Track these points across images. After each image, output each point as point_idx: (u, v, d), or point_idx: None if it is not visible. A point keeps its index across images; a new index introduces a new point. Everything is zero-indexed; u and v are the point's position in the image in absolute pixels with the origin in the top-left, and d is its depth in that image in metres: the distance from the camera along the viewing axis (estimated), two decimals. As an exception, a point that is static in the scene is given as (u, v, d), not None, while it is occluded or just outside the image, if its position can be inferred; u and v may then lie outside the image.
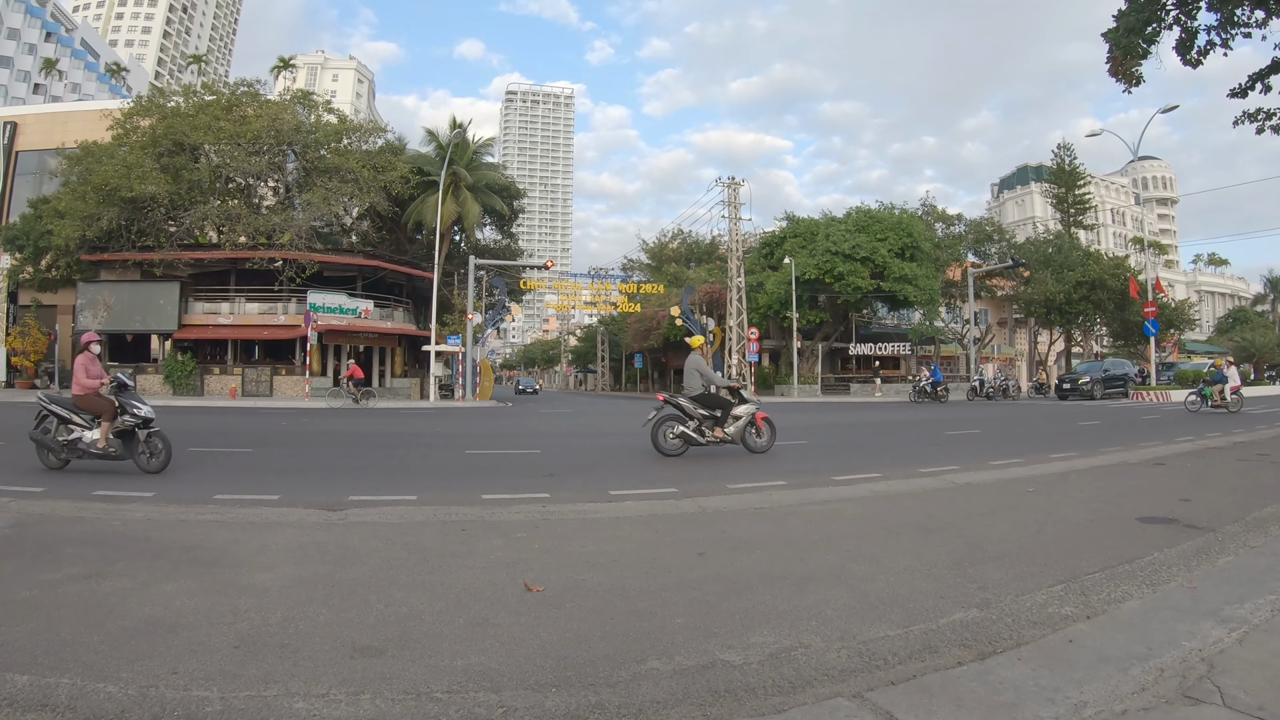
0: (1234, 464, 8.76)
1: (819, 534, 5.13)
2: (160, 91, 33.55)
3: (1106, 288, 38.33)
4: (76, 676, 2.61)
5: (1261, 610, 3.31)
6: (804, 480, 7.53)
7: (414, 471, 8.63)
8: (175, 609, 3.37)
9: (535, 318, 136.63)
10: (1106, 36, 13.59)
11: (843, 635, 3.11)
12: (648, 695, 2.55)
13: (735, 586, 3.82)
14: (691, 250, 53.55)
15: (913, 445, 11.50)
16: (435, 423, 16.80)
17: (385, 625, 3.19)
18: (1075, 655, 2.85)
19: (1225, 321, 71.41)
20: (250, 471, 8.46)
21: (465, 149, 35.42)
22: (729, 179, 35.47)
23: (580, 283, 37.99)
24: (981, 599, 3.59)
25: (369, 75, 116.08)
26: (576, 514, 5.80)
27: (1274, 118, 13.42)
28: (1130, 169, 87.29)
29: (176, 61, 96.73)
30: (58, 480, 7.17)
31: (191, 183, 27.99)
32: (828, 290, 35.23)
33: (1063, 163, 54.68)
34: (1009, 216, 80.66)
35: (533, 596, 3.63)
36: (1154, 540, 4.79)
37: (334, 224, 34.92)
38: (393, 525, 5.29)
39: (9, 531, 4.93)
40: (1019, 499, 6.49)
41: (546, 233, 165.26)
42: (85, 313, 28.50)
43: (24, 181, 35.22)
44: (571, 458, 10.02)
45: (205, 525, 5.21)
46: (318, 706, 2.42)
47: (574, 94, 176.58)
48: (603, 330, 58.90)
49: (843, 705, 2.45)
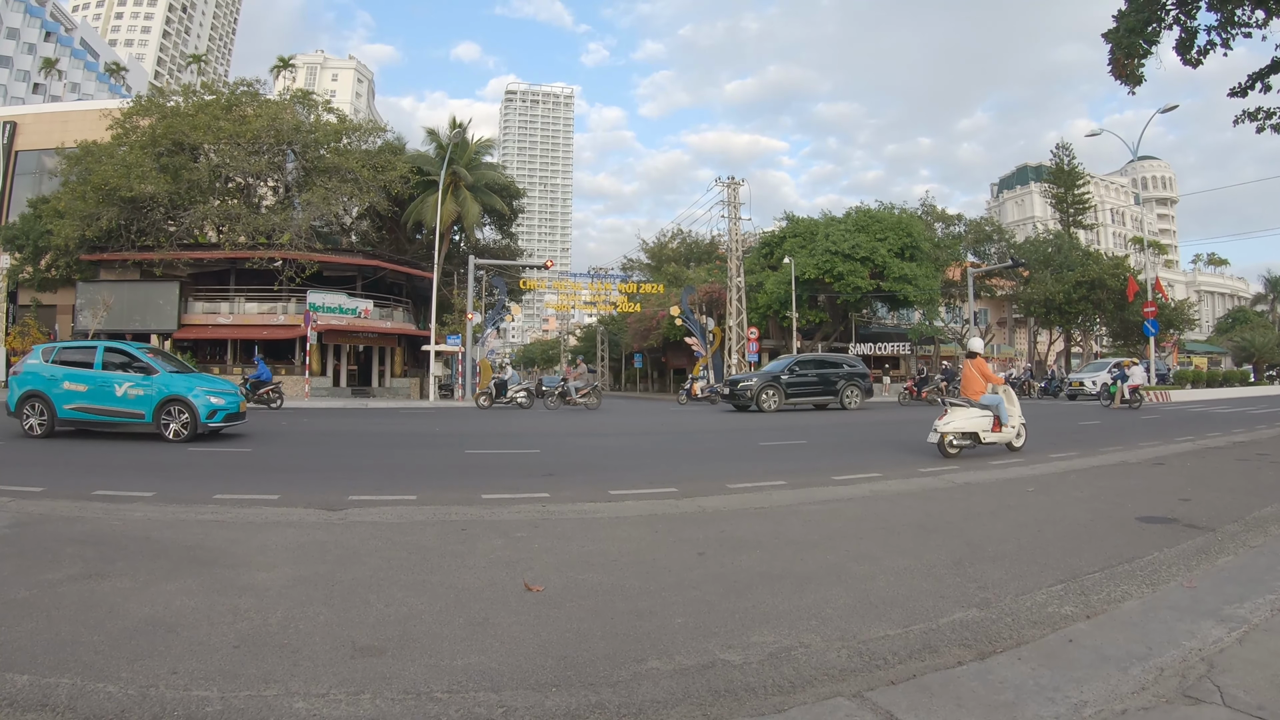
0: (1234, 464, 8.76)
1: (819, 533, 5.13)
2: (160, 91, 33.53)
3: (1106, 287, 38.33)
4: (76, 676, 2.61)
5: (1261, 610, 3.31)
6: (804, 480, 7.53)
7: (414, 471, 8.63)
8: (175, 609, 3.37)
9: (535, 317, 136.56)
10: (1107, 37, 13.59)
11: (843, 635, 3.12)
12: (648, 695, 2.55)
13: (735, 586, 3.82)
14: (691, 250, 53.53)
15: (913, 445, 11.49)
16: (435, 422, 16.80)
17: (385, 625, 3.19)
18: (1075, 655, 2.85)
19: (1225, 321, 71.41)
20: (250, 471, 8.45)
21: (465, 149, 35.42)
22: (729, 179, 35.45)
23: (580, 282, 37.96)
24: (981, 598, 3.59)
25: (368, 75, 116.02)
26: (576, 514, 5.81)
27: (1274, 117, 13.43)
28: (1130, 169, 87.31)
29: (176, 61, 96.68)
30: (58, 480, 7.17)
31: (191, 182, 27.97)
32: (827, 290, 35.22)
33: (1062, 163, 54.67)
34: (1008, 216, 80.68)
35: (533, 596, 3.63)
36: (1154, 540, 4.80)
37: (334, 224, 34.90)
38: (393, 525, 5.29)
39: (9, 531, 4.93)
40: (1019, 498, 6.49)
41: (546, 232, 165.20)
42: (85, 312, 28.48)
43: (23, 181, 35.18)
44: (571, 457, 10.02)
45: (205, 525, 5.21)
46: (318, 706, 2.42)
47: (573, 94, 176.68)
48: (602, 330, 58.87)
49: (843, 705, 2.45)
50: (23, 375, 11.06)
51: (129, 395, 10.73)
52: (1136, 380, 21.00)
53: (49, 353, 11.26)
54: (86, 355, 11.17)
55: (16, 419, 10.93)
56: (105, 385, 10.79)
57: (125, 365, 11.09)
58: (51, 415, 10.77)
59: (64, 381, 10.80)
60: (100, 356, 11.04)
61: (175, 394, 10.71)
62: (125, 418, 10.85)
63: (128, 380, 10.80)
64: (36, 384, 10.86)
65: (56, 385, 10.79)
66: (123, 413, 10.79)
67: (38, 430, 10.75)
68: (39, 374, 10.94)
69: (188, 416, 10.66)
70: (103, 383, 10.81)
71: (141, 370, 10.98)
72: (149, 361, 11.17)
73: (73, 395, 10.76)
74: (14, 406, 10.90)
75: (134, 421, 10.85)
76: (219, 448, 10.35)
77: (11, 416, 11.06)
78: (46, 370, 10.92)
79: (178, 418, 10.67)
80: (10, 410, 11.00)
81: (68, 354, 11.28)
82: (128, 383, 10.77)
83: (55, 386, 10.79)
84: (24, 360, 11.46)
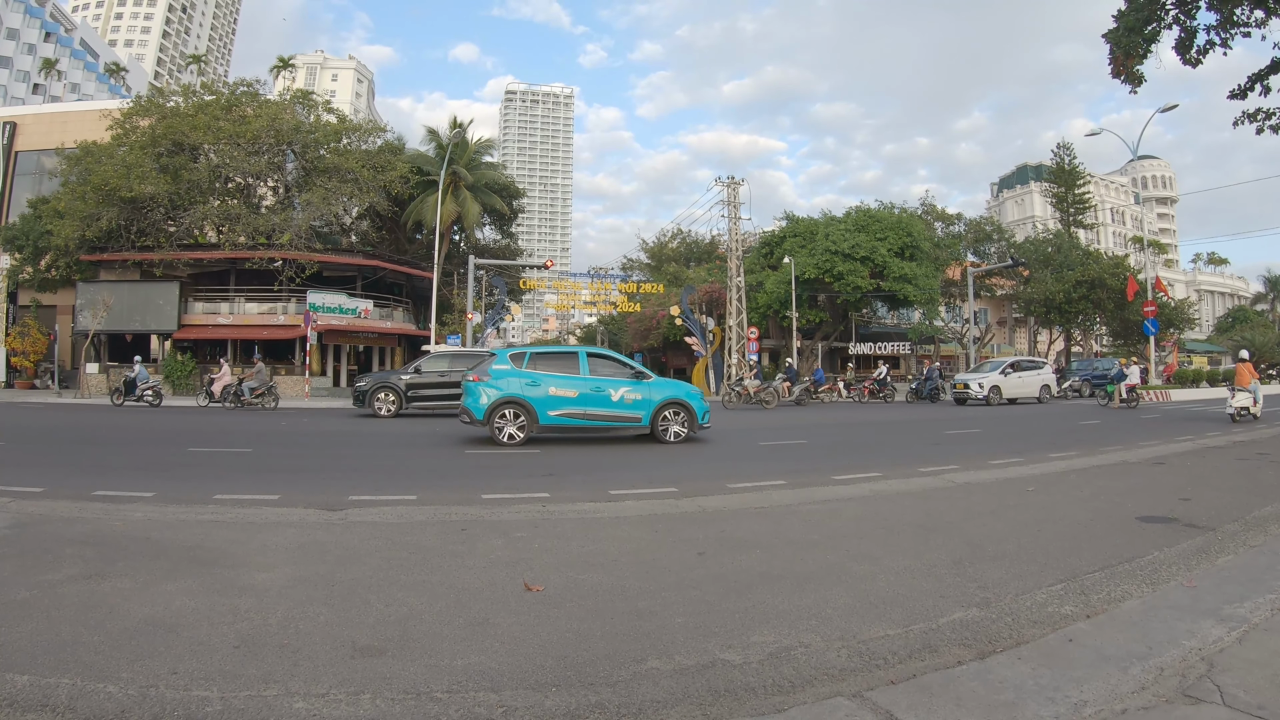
0: (1234, 463, 8.76)
1: (819, 533, 5.13)
2: (159, 91, 33.52)
3: (1106, 287, 38.33)
4: (76, 676, 2.61)
5: (1261, 609, 3.31)
6: (804, 479, 7.53)
7: (414, 471, 8.62)
8: (175, 609, 3.37)
9: (535, 317, 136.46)
10: (1107, 37, 13.60)
11: (842, 634, 3.12)
12: (648, 695, 2.55)
13: (735, 586, 3.82)
14: (691, 250, 53.54)
15: (913, 445, 11.49)
16: (434, 422, 16.80)
17: (385, 625, 3.19)
18: (1075, 654, 2.85)
19: (1225, 321, 71.30)
20: (250, 471, 8.45)
21: (465, 148, 35.41)
22: (729, 178, 35.38)
23: (580, 282, 37.92)
24: (981, 598, 3.59)
25: (368, 75, 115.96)
26: (576, 514, 5.81)
27: (1274, 117, 13.44)
28: (1130, 168, 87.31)
29: (176, 61, 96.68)
30: (58, 480, 7.16)
31: (191, 183, 27.95)
32: (827, 290, 35.22)
33: (1062, 162, 54.68)
34: (1008, 216, 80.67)
35: (533, 596, 3.63)
36: (1154, 539, 4.80)
37: (333, 224, 34.89)
38: (393, 525, 5.29)
39: (9, 531, 4.93)
40: (1019, 498, 6.49)
41: (546, 232, 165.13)
42: (85, 313, 28.47)
43: (23, 182, 35.17)
44: (571, 457, 10.01)
45: (205, 525, 5.21)
46: (318, 706, 2.43)
47: (573, 94, 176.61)
48: (602, 330, 58.87)
49: (842, 704, 2.45)
50: (491, 382, 10.67)
51: (625, 400, 10.84)
52: (1134, 380, 21.46)
53: (519, 359, 11.03)
54: (567, 362, 11.14)
55: (484, 426, 10.61)
56: (598, 392, 10.76)
57: (618, 371, 11.24)
58: (532, 421, 10.58)
59: (551, 387, 10.60)
60: (584, 363, 11.03)
61: (675, 398, 11.15)
62: (622, 422, 11.05)
63: (624, 386, 10.93)
64: (513, 391, 10.57)
65: (539, 392, 10.57)
66: (619, 416, 10.95)
67: (518, 438, 10.52)
68: (512, 380, 10.66)
69: (684, 417, 11.11)
70: (595, 389, 10.75)
71: (636, 375, 11.21)
72: (641, 367, 11.54)
73: (561, 401, 10.59)
74: (482, 415, 10.53)
75: (630, 425, 11.15)
76: (219, 448, 10.35)
77: (477, 424, 10.77)
78: (524, 377, 10.68)
79: (675, 420, 11.06)
80: (477, 418, 10.63)
81: (541, 361, 11.11)
82: (624, 388, 10.90)
83: (537, 393, 10.56)
84: (488, 366, 10.99)
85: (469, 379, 11.00)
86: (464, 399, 10.94)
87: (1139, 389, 21.84)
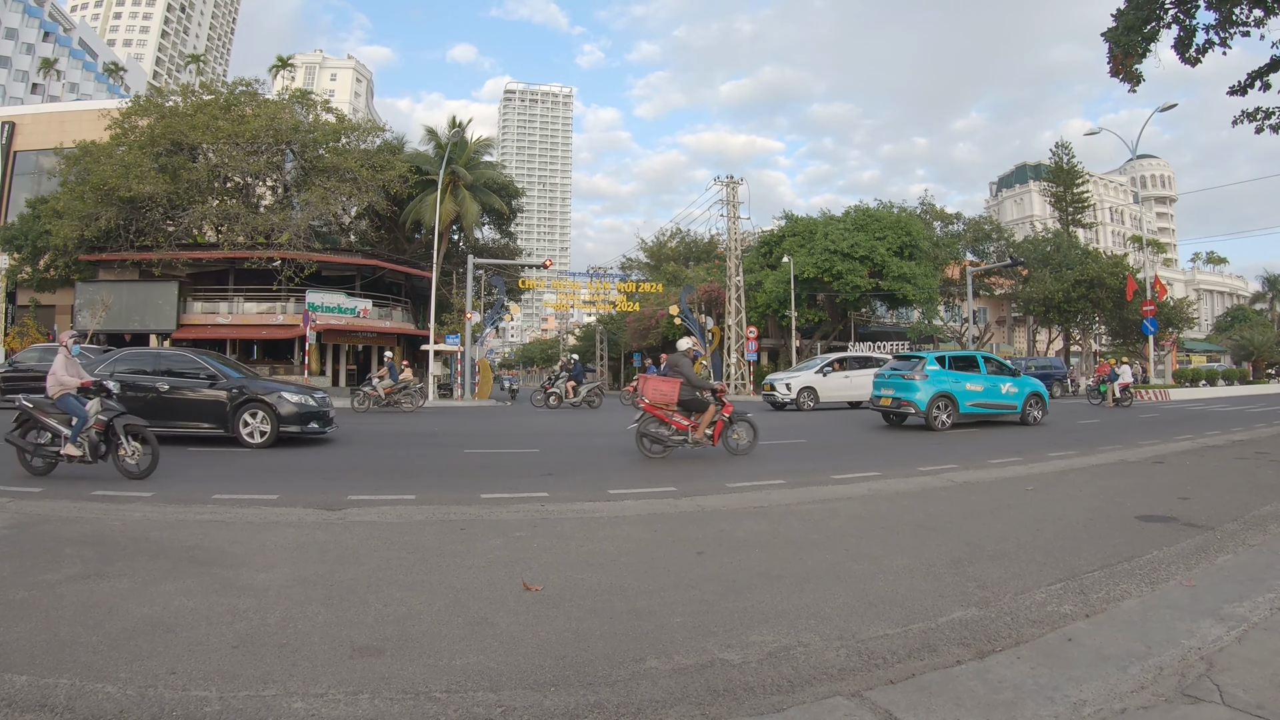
0: (1233, 462, 8.76)
1: (818, 533, 5.13)
2: (158, 91, 33.47)
3: (1105, 286, 38.33)
4: (75, 676, 2.61)
5: (1261, 609, 3.31)
6: (803, 479, 7.53)
7: (412, 471, 8.61)
8: (174, 609, 3.36)
9: (534, 317, 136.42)
10: (1106, 36, 13.60)
11: (842, 634, 3.11)
12: (646, 694, 2.54)
13: (734, 585, 3.82)
14: (690, 249, 53.49)
15: (913, 444, 11.49)
16: (434, 422, 16.79)
17: (384, 625, 3.19)
18: (1074, 654, 2.85)
19: (1224, 320, 71.30)
20: (248, 471, 8.44)
21: (464, 148, 35.38)
22: (728, 178, 35.37)
23: (579, 282, 37.89)
24: (980, 598, 3.59)
25: (367, 75, 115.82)
26: (575, 513, 5.80)
27: (1273, 116, 13.43)
28: (1129, 167, 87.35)
29: (175, 61, 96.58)
30: (57, 480, 7.15)
31: (190, 182, 27.92)
32: (826, 289, 35.22)
33: (1061, 161, 54.68)
34: (1007, 215, 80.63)
35: (531, 596, 3.63)
36: (1153, 538, 4.80)
37: (332, 223, 34.86)
38: (391, 525, 5.29)
39: (8, 531, 4.92)
40: (1018, 497, 6.49)
41: (545, 232, 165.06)
42: (83, 313, 28.44)
43: (22, 181, 35.14)
44: (570, 457, 10.01)
45: (204, 525, 5.21)
46: (316, 706, 2.42)
47: (572, 94, 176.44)
48: (601, 329, 58.82)
49: (842, 704, 2.45)
50: (930, 381, 13.43)
51: (1009, 393, 14.10)
52: (1126, 379, 21.87)
53: (942, 361, 13.98)
54: (969, 364, 14.18)
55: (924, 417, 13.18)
56: (993, 386, 13.97)
57: (999, 370, 14.48)
58: (954, 410, 13.39)
59: (966, 384, 13.71)
60: (981, 364, 14.21)
61: (1036, 390, 14.39)
62: (1007, 410, 14.14)
63: (1007, 381, 14.20)
64: (945, 386, 13.45)
65: (959, 387, 13.60)
66: (1005, 405, 14.09)
67: (946, 424, 13.28)
68: (944, 378, 13.56)
69: (1039, 405, 14.42)
70: (991, 384, 13.95)
71: (1012, 374, 14.49)
72: (1010, 365, 15.06)
73: (972, 394, 13.68)
74: (924, 406, 13.17)
75: (1010, 413, 14.19)
76: (218, 447, 10.33)
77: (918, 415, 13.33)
78: (950, 376, 13.64)
79: (1036, 407, 14.32)
80: (920, 409, 13.18)
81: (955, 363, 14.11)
82: (1007, 383, 14.17)
83: (958, 388, 13.58)
84: (919, 367, 13.79)
85: (908, 377, 13.67)
86: (895, 392, 13.66)
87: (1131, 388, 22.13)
